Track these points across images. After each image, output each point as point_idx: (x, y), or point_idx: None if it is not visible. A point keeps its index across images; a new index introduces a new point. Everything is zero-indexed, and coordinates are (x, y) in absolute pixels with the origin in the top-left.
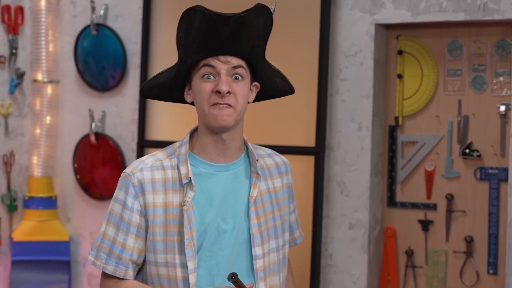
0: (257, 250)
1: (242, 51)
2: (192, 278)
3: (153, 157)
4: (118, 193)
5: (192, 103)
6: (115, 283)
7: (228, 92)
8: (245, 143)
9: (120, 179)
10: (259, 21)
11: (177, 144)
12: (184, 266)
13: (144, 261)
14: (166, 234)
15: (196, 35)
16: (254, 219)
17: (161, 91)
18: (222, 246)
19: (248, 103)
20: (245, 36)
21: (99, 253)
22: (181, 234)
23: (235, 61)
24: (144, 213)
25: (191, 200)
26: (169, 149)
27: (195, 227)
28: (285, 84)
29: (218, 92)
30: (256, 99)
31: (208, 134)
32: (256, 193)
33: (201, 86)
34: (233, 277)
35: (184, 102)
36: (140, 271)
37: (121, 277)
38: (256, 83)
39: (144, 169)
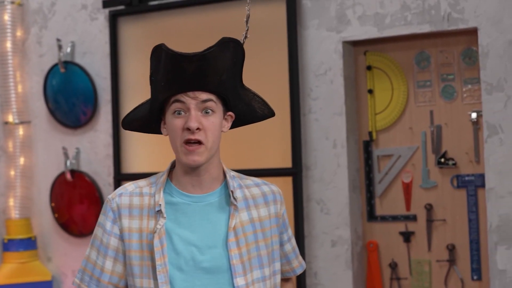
0: (239, 281)
1: (209, 86)
2: None
3: (135, 184)
4: (100, 217)
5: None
6: None
7: (198, 128)
8: (225, 173)
9: (103, 204)
10: (226, 55)
11: (160, 173)
12: None
13: None
14: (142, 259)
15: (163, 72)
16: (234, 250)
17: (141, 125)
18: (199, 276)
19: (223, 132)
20: (210, 72)
21: (83, 276)
22: (154, 259)
23: (204, 95)
24: (121, 237)
25: (163, 228)
26: (152, 178)
27: (167, 254)
28: (264, 108)
29: (188, 129)
30: (234, 126)
31: (182, 166)
32: (234, 223)
33: (172, 122)
34: None
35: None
36: None
37: None
38: (230, 113)
39: (123, 194)
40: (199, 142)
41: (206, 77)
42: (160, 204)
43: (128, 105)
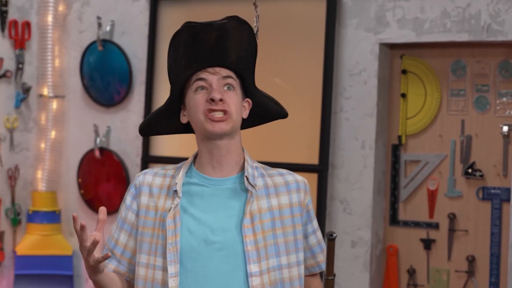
0: (253, 268)
1: (229, 60)
2: (172, 282)
3: (162, 166)
4: (125, 194)
5: (188, 127)
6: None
7: (221, 100)
8: (245, 161)
9: None
10: (243, 33)
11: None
12: (164, 269)
13: None
14: (153, 236)
15: (184, 52)
16: (250, 236)
17: (158, 123)
18: (210, 256)
19: (243, 118)
20: (229, 44)
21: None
22: (166, 238)
23: (224, 71)
24: (138, 213)
25: (178, 207)
26: (180, 164)
27: (180, 233)
28: (277, 107)
29: (212, 100)
30: (251, 124)
31: (204, 144)
32: (249, 209)
33: (195, 97)
34: (331, 235)
35: (182, 131)
36: None
37: (111, 271)
38: (247, 99)
39: (148, 173)
40: (224, 112)
41: (226, 50)
42: (176, 183)
43: (162, 87)
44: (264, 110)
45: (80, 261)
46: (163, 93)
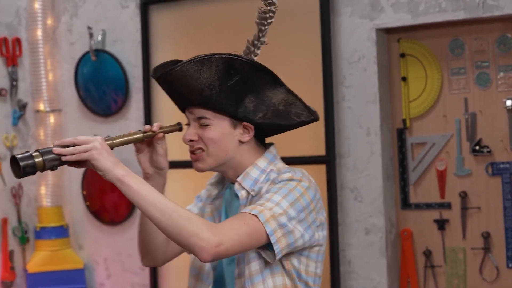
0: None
1: (194, 102)
2: None
3: None
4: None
5: None
6: None
7: (191, 140)
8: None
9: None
10: (203, 71)
11: None
12: None
13: None
14: None
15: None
16: None
17: None
18: None
19: (243, 141)
20: (186, 89)
21: None
22: None
23: (197, 111)
24: None
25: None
26: None
27: None
28: (302, 113)
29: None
30: (272, 133)
31: None
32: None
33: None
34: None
35: None
36: None
37: None
38: (245, 123)
39: None
40: (200, 150)
41: (185, 95)
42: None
43: (159, 93)
44: (286, 120)
45: (92, 273)
46: (161, 98)
